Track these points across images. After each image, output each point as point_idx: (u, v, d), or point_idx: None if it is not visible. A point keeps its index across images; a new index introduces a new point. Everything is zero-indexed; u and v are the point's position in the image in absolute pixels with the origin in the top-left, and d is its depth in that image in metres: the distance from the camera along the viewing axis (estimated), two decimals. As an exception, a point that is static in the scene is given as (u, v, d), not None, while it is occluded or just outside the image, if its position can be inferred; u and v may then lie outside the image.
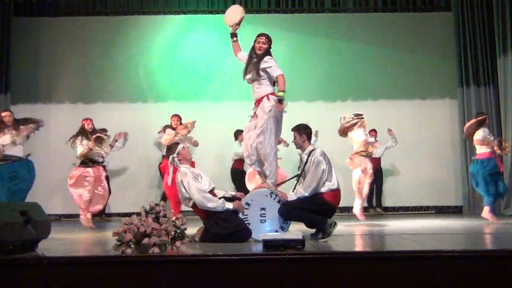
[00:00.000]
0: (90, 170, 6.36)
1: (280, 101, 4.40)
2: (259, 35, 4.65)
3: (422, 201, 9.00)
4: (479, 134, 6.36)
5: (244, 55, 4.76)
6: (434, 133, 9.05)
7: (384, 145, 8.47)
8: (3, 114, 6.29)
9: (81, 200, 6.29)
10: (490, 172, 6.30)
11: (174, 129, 6.87)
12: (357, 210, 6.38)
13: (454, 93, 8.97)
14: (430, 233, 5.03)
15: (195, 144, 7.07)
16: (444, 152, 8.98)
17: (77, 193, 6.31)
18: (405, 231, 5.24)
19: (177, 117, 7.01)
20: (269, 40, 4.63)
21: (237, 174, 8.16)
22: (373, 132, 8.30)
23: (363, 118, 6.55)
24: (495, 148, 6.37)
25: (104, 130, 7.71)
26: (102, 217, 7.92)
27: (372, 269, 3.18)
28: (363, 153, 6.40)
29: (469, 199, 8.45)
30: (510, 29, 8.11)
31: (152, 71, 9.21)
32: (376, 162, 8.18)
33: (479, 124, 6.47)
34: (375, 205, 8.69)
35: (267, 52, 4.60)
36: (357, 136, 6.50)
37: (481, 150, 6.39)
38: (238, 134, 8.04)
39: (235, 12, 4.84)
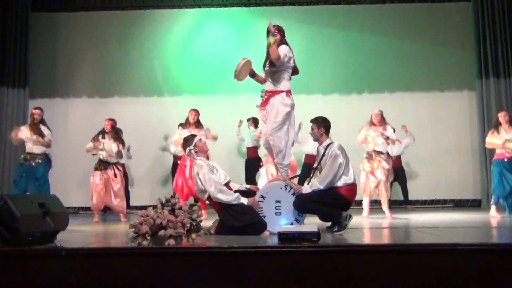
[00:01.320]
0: (99, 175, 6.38)
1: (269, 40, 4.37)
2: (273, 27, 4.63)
3: (441, 194, 8.90)
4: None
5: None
6: (452, 126, 8.93)
7: (403, 144, 8.28)
8: (34, 111, 6.45)
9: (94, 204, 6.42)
10: None
11: (190, 124, 6.84)
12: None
13: (473, 85, 8.82)
14: (447, 226, 4.97)
15: (214, 138, 7.02)
16: (463, 145, 8.86)
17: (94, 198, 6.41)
18: (422, 225, 5.18)
19: (195, 111, 6.94)
20: (279, 30, 4.58)
21: (253, 162, 8.18)
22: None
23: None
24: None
25: (120, 131, 7.80)
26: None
27: (388, 262, 3.15)
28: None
29: (488, 193, 8.32)
30: (531, 19, 7.94)
31: (168, 65, 9.26)
32: (397, 160, 8.13)
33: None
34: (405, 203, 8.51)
35: (282, 42, 4.56)
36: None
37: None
38: (248, 120, 8.06)
39: (243, 67, 4.66)
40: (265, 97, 4.59)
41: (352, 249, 3.27)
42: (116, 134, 6.64)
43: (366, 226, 5.10)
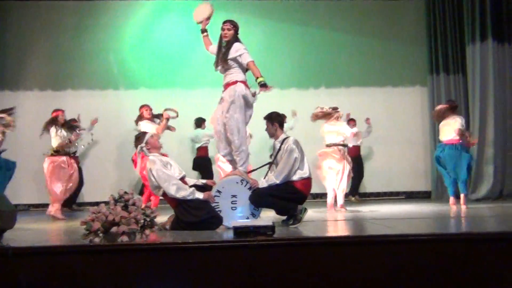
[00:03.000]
0: (64, 159, 6.22)
1: (263, 85, 4.37)
2: (224, 22, 4.64)
3: (394, 186, 9.16)
4: (459, 122, 6.47)
5: (214, 48, 4.74)
6: (405, 120, 9.19)
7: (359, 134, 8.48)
8: None
9: (57, 193, 6.17)
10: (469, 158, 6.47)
11: (146, 119, 6.75)
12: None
13: (425, 81, 9.11)
14: (399, 217, 5.14)
15: (172, 129, 6.98)
16: (414, 138, 9.15)
17: (56, 186, 6.18)
18: (376, 216, 5.34)
19: (148, 107, 6.86)
20: (234, 26, 4.59)
21: (203, 161, 8.17)
22: (353, 121, 8.35)
23: (339, 111, 6.60)
24: (468, 138, 6.50)
25: (74, 121, 7.58)
26: (71, 208, 7.80)
27: (342, 254, 3.23)
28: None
29: (437, 184, 8.65)
30: (478, 18, 8.25)
31: (124, 58, 9.05)
32: (356, 150, 8.31)
33: (452, 110, 6.59)
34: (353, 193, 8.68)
35: (235, 39, 4.56)
36: (344, 129, 6.53)
37: (450, 136, 6.49)
38: (201, 122, 8.06)
39: (203, 9, 4.82)
40: (223, 91, 4.60)
41: (306, 242, 3.33)
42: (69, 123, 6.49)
43: (321, 219, 5.19)
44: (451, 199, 6.50)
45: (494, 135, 8.09)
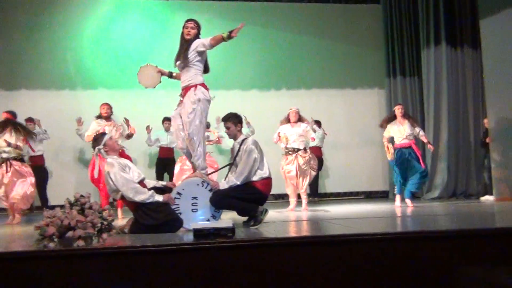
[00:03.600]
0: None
1: (231, 33, 4.39)
2: (187, 21, 4.61)
3: (353, 186, 9.36)
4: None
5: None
6: (363, 121, 9.40)
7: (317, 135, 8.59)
8: None
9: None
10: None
11: (104, 118, 6.60)
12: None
13: (383, 83, 9.37)
14: (357, 217, 5.25)
15: (128, 137, 6.79)
16: (372, 139, 9.37)
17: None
18: (335, 216, 5.43)
19: (107, 105, 6.71)
20: (197, 25, 4.58)
21: (164, 162, 8.08)
22: (316, 122, 8.43)
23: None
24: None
25: (30, 120, 7.34)
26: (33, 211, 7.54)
27: (301, 254, 3.26)
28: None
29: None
30: (433, 23, 8.57)
31: (81, 57, 8.83)
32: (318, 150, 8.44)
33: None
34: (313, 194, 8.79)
35: (196, 37, 4.54)
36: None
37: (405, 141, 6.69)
38: (164, 121, 7.96)
39: (143, 76, 4.67)
40: (181, 94, 4.56)
41: (266, 243, 3.35)
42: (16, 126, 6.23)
43: (283, 220, 5.23)
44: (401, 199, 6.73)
45: (448, 136, 8.41)
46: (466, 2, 8.64)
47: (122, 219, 5.48)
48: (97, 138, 4.37)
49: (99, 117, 6.67)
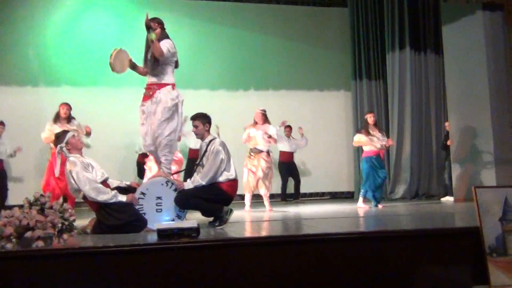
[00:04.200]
0: None
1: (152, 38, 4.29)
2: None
3: (319, 187, 9.46)
4: None
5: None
6: (330, 123, 9.52)
7: (296, 143, 8.65)
8: None
9: None
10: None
11: (61, 119, 6.43)
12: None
13: (349, 86, 9.51)
14: (322, 217, 5.31)
15: (87, 131, 6.64)
16: (339, 141, 9.51)
17: None
18: (301, 217, 5.48)
19: (67, 105, 6.52)
20: (159, 23, 4.51)
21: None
22: (288, 128, 8.53)
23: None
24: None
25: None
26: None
27: (266, 254, 3.28)
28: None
29: (360, 185, 9.05)
30: (398, 28, 8.78)
31: (45, 53, 8.57)
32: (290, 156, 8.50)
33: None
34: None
35: (163, 36, 4.49)
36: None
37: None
38: None
39: (116, 59, 4.54)
40: (150, 91, 4.48)
41: (230, 243, 3.34)
42: None
43: (247, 220, 5.24)
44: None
45: (411, 138, 8.63)
46: (429, 9, 8.89)
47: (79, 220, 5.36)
48: (59, 136, 4.26)
49: (57, 117, 6.47)
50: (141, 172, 7.93)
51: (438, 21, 8.42)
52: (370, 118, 6.87)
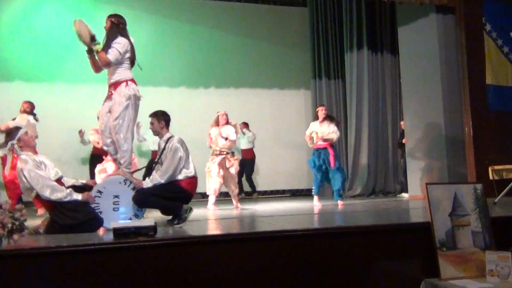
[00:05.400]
0: None
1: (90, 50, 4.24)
2: (108, 16, 4.45)
3: (280, 185, 9.56)
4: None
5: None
6: (290, 121, 9.63)
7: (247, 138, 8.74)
8: None
9: None
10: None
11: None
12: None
13: (309, 85, 9.63)
14: (281, 214, 5.36)
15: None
16: (299, 139, 9.55)
17: None
18: (259, 214, 5.51)
19: (29, 103, 6.29)
20: (118, 20, 4.41)
21: (99, 159, 7.77)
22: (244, 125, 8.55)
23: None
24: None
25: None
26: None
27: (224, 251, 3.28)
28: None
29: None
30: (356, 28, 8.95)
31: (-4, 46, 8.26)
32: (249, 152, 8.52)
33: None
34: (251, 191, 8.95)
35: (119, 33, 4.39)
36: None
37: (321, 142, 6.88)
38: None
39: (81, 28, 4.32)
40: (109, 92, 4.40)
41: (187, 241, 3.32)
42: None
43: (207, 218, 5.23)
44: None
45: (368, 136, 8.83)
46: (386, 10, 9.11)
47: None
48: (11, 132, 4.12)
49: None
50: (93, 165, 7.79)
51: (394, 22, 8.65)
52: (320, 111, 6.96)
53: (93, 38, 4.30)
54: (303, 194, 9.52)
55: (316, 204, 6.73)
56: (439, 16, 7.31)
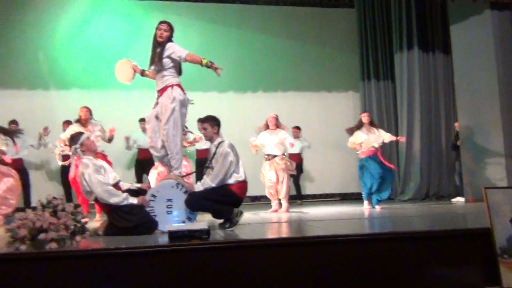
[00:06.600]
0: None
1: (211, 64, 4.42)
2: (161, 23, 4.60)
3: (329, 189, 9.46)
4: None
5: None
6: (339, 124, 9.42)
7: (301, 145, 8.67)
8: None
9: None
10: None
11: (82, 122, 6.43)
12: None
13: (357, 86, 9.50)
14: (332, 219, 5.31)
15: (109, 140, 6.57)
16: (347, 142, 9.46)
17: None
18: (310, 218, 5.48)
19: (86, 109, 6.46)
20: (170, 28, 4.57)
21: (143, 164, 8.01)
22: (296, 129, 8.56)
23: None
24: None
25: (13, 122, 7.22)
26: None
27: (275, 256, 3.29)
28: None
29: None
30: (406, 28, 8.74)
31: (54, 56, 8.68)
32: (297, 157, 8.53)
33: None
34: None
35: (169, 40, 4.54)
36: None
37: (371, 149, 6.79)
38: (140, 122, 7.90)
39: (123, 68, 4.65)
40: (157, 98, 4.55)
41: (240, 245, 3.37)
42: None
43: (257, 222, 5.26)
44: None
45: (420, 138, 8.59)
46: (437, 8, 8.85)
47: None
48: (74, 137, 4.31)
49: (78, 121, 6.46)
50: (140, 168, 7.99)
51: (446, 21, 8.39)
52: (364, 118, 6.86)
53: (142, 72, 4.61)
54: (353, 198, 9.37)
55: (366, 207, 6.63)
56: (494, 13, 7.03)
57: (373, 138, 6.75)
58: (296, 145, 8.50)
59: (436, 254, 3.39)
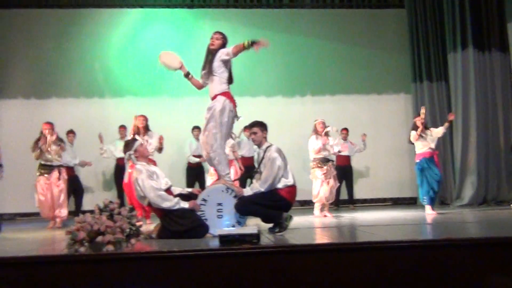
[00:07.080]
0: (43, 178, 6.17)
1: (254, 43, 4.44)
2: (215, 33, 4.68)
3: (380, 193, 9.27)
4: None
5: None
6: (390, 127, 9.31)
7: (356, 147, 8.58)
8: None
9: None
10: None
11: (138, 130, 6.58)
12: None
13: (409, 88, 9.25)
14: (384, 224, 5.20)
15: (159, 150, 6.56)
16: (399, 145, 9.24)
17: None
18: (361, 223, 5.40)
19: (143, 117, 6.53)
20: (223, 37, 4.64)
21: (195, 170, 8.18)
22: (345, 130, 8.47)
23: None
24: None
25: (71, 132, 7.59)
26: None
27: (326, 261, 3.26)
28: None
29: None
30: (459, 27, 8.42)
31: (109, 66, 9.05)
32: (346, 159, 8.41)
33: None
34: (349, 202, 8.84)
35: (222, 47, 4.61)
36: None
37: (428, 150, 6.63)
38: (193, 129, 8.06)
39: (171, 58, 4.75)
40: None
41: (291, 249, 3.36)
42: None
43: (307, 226, 5.23)
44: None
45: (477, 141, 8.23)
46: (493, 5, 8.47)
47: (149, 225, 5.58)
48: (128, 144, 4.48)
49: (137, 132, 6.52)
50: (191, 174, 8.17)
51: (502, 18, 8.02)
52: (419, 121, 6.68)
53: (187, 74, 4.68)
54: (406, 202, 9.13)
55: (430, 213, 6.43)
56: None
57: (430, 139, 6.64)
58: (346, 148, 8.38)
59: (495, 263, 3.24)
